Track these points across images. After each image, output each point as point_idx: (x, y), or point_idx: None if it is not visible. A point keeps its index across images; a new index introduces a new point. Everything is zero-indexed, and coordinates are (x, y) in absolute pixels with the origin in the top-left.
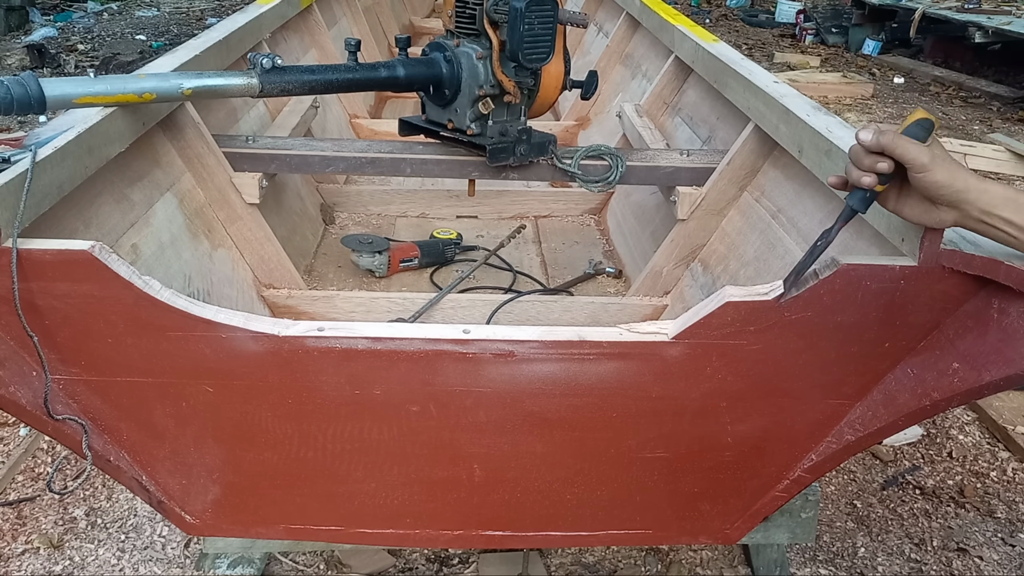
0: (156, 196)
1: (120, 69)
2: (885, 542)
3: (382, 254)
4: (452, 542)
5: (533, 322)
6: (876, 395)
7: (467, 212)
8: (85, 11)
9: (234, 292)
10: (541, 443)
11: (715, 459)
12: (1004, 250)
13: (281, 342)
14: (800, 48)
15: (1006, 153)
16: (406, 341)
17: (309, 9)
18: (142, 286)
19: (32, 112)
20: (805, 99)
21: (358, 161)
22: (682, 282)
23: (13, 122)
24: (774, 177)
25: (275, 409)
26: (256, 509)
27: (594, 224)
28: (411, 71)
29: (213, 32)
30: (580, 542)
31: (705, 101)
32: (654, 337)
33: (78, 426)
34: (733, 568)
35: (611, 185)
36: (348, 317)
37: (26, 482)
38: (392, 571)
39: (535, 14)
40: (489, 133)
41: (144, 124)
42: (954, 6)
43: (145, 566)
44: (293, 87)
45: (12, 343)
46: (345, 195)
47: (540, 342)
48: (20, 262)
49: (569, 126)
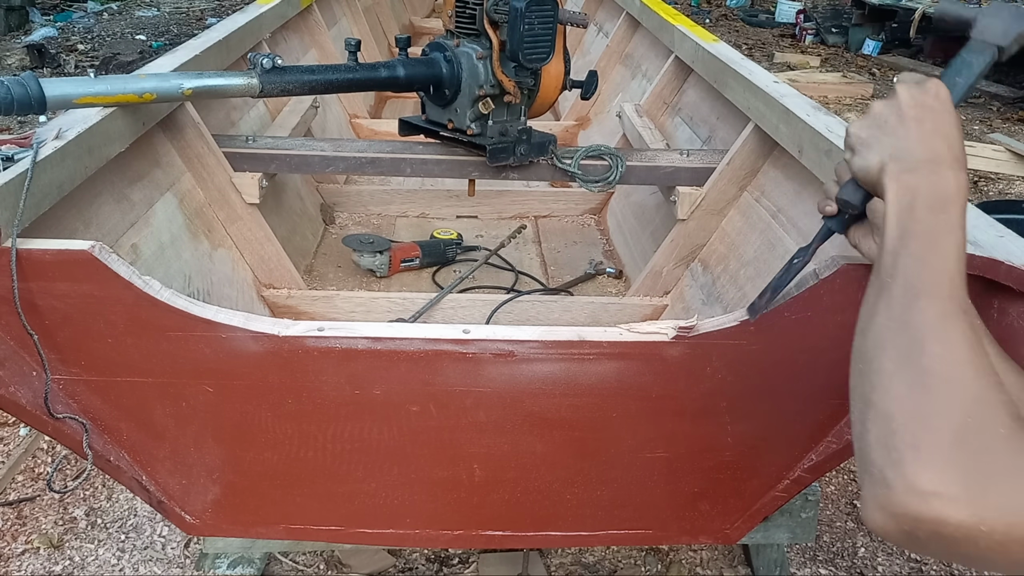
0: (156, 196)
1: (120, 69)
2: (885, 542)
3: (383, 254)
4: (452, 542)
5: (533, 322)
6: None
7: (467, 212)
8: (85, 11)
9: (234, 292)
10: (541, 443)
11: (715, 459)
12: (1004, 249)
13: (281, 342)
14: (800, 48)
15: (1006, 153)
16: (406, 341)
17: (309, 9)
18: (142, 286)
19: (32, 112)
20: (805, 99)
21: (358, 161)
22: (682, 282)
23: (13, 122)
24: (774, 177)
25: (275, 409)
26: (256, 509)
27: (594, 224)
28: (411, 71)
29: (213, 32)
30: (580, 542)
31: (705, 101)
32: (654, 337)
33: (78, 425)
34: (733, 568)
35: (611, 185)
36: (348, 317)
37: (26, 482)
38: (392, 571)
39: (535, 14)
40: (489, 133)
41: (144, 124)
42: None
43: (145, 566)
44: (293, 87)
45: (12, 343)
46: (345, 195)
47: (540, 342)
48: (20, 262)
49: (569, 126)
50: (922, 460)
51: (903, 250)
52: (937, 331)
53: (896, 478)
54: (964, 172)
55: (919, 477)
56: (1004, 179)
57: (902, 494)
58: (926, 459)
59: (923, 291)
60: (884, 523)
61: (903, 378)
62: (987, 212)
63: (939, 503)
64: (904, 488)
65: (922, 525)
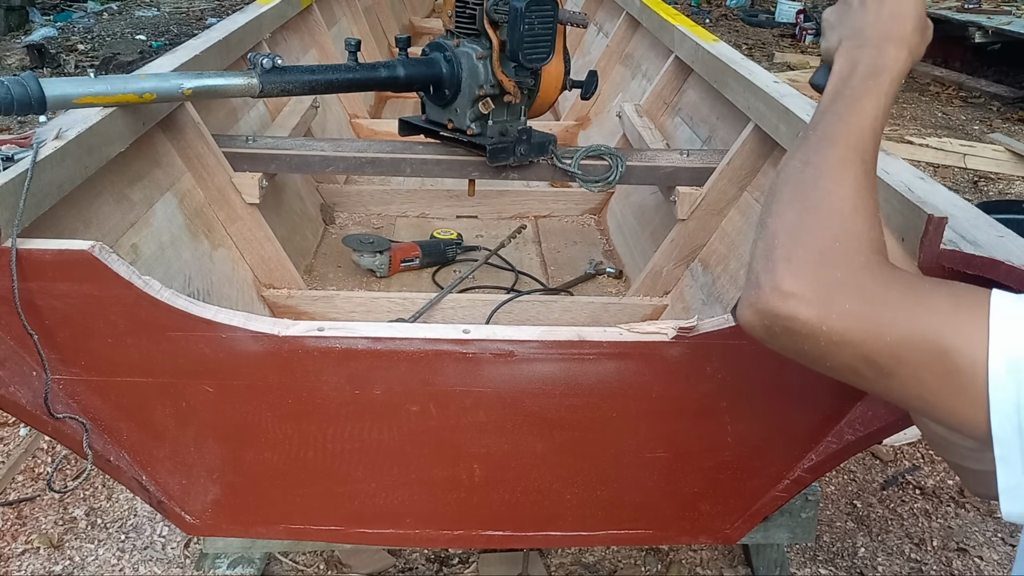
0: (156, 196)
1: (120, 69)
2: (885, 542)
3: (383, 254)
4: (452, 542)
5: (533, 322)
6: None
7: (467, 212)
8: (85, 11)
9: (234, 292)
10: (541, 443)
11: (715, 459)
12: (1004, 249)
13: (281, 342)
14: (800, 48)
15: (1006, 153)
16: (406, 341)
17: (309, 9)
18: (142, 286)
19: (32, 112)
20: (805, 99)
21: (358, 161)
22: (682, 282)
23: (13, 122)
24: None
25: (275, 409)
26: (256, 509)
27: (594, 224)
28: (411, 71)
29: (213, 32)
30: (580, 542)
31: (705, 101)
32: (654, 337)
33: (78, 425)
34: (733, 568)
35: (611, 185)
36: (348, 317)
37: (26, 482)
38: (392, 571)
39: (535, 14)
40: (489, 133)
41: (144, 124)
42: (954, 6)
43: (145, 566)
44: (293, 87)
45: (12, 343)
46: (345, 195)
47: (540, 342)
48: (20, 262)
49: (569, 126)
50: (790, 269)
51: (829, 108)
52: (833, 171)
53: (766, 281)
54: (906, 49)
55: (783, 281)
56: (1004, 179)
57: (768, 293)
58: (793, 268)
59: (833, 140)
60: (751, 319)
61: (794, 206)
62: (987, 212)
63: (794, 302)
64: (770, 289)
65: (778, 320)
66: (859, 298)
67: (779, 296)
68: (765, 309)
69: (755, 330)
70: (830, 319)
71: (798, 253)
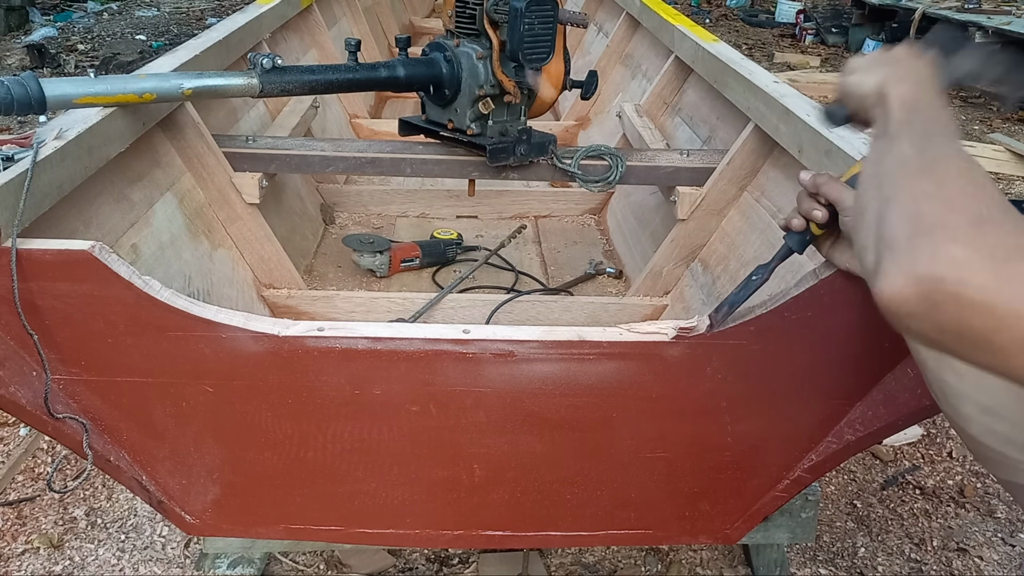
0: (156, 196)
1: (120, 69)
2: (885, 542)
3: (383, 254)
4: (452, 542)
5: (533, 322)
6: (876, 395)
7: (467, 212)
8: (85, 11)
9: (234, 292)
10: (541, 443)
11: (715, 459)
12: None
13: (281, 342)
14: (800, 48)
15: (1006, 153)
16: (406, 341)
17: (309, 9)
18: (142, 286)
19: (32, 112)
20: (805, 99)
21: (358, 161)
22: (682, 282)
23: (13, 122)
24: (774, 177)
25: (275, 409)
26: (256, 509)
27: (594, 224)
28: (411, 71)
29: (213, 32)
30: (580, 542)
31: (705, 101)
32: (654, 337)
33: (78, 425)
34: (733, 568)
35: (611, 185)
36: (348, 317)
37: (26, 482)
38: (392, 571)
39: (535, 14)
40: (489, 133)
41: (144, 124)
42: (954, 6)
43: (145, 566)
44: (293, 87)
45: (12, 343)
46: (345, 195)
47: (540, 342)
48: (20, 262)
49: (569, 126)
50: (950, 232)
51: (914, 116)
52: (958, 153)
53: (924, 244)
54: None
55: (947, 245)
56: (1004, 179)
57: (929, 256)
58: (953, 232)
59: (937, 133)
60: (902, 287)
61: (928, 180)
62: None
63: (966, 266)
64: (931, 251)
65: (943, 286)
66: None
67: (946, 260)
68: (927, 274)
69: (907, 302)
70: (1006, 286)
71: (953, 218)
